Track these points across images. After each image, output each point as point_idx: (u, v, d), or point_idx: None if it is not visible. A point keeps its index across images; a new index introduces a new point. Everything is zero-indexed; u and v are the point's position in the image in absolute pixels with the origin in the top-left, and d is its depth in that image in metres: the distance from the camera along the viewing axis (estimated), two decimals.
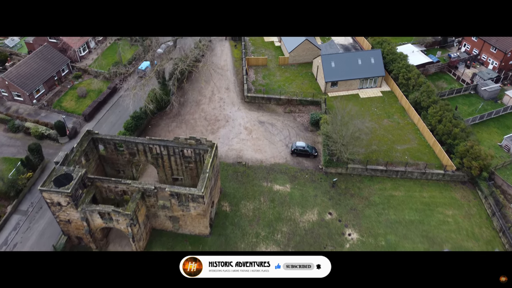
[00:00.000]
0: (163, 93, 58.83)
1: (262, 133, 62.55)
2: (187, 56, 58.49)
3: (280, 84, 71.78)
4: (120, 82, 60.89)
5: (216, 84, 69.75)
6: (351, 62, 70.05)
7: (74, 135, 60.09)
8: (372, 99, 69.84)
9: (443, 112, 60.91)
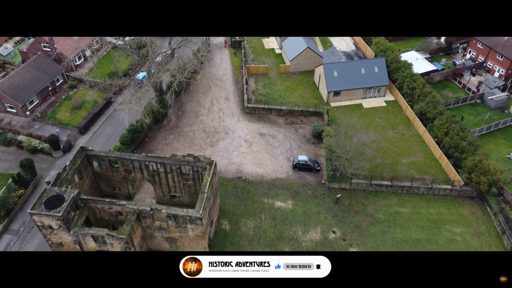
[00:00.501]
0: (160, 106, 56.81)
1: (263, 145, 60.56)
2: (185, 67, 56.46)
3: (281, 94, 69.80)
4: (115, 95, 58.84)
5: (215, 95, 67.76)
6: (354, 71, 68.06)
7: (68, 148, 58.09)
8: (376, 109, 67.84)
9: (449, 124, 58.92)
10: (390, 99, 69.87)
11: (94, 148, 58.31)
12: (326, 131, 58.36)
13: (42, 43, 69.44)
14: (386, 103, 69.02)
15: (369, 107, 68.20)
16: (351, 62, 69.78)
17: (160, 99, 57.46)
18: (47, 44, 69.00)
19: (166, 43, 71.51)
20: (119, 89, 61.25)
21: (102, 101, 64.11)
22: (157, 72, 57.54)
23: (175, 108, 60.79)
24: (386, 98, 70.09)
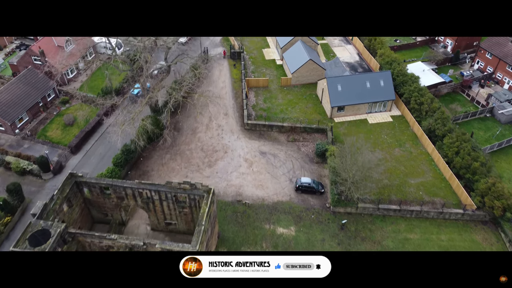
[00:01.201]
0: (154, 127, 53.85)
1: (264, 165, 57.62)
2: (182, 85, 53.50)
3: (283, 108, 66.85)
4: (107, 116, 55.92)
5: (214, 110, 64.77)
6: (359, 85, 65.11)
7: (59, 170, 55.18)
8: (382, 125, 64.88)
9: (460, 142, 55.99)
10: (396, 114, 66.92)
11: (86, 169, 55.94)
12: (330, 151, 55.43)
13: (32, 56, 66.49)
14: (392, 118, 66.07)
15: (374, 122, 65.23)
16: (355, 75, 66.81)
17: (154, 120, 54.47)
18: (38, 57, 66.03)
19: (161, 55, 68.56)
20: (111, 108, 58.32)
21: (95, 118, 61.16)
22: (153, 88, 54.58)
23: (171, 127, 57.81)
24: (392, 112, 67.15)
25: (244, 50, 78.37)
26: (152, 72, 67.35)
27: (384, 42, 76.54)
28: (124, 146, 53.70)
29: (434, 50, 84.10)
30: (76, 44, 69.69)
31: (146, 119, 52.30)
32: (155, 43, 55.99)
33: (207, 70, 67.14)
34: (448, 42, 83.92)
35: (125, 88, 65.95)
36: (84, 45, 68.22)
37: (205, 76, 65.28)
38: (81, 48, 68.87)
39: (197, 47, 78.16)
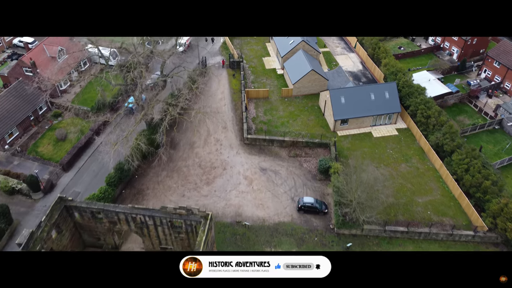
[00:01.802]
0: (149, 147, 51.24)
1: (264, 183, 55.10)
2: (178, 100, 50.93)
3: (284, 121, 64.32)
4: (98, 134, 53.38)
5: (212, 124, 62.19)
6: (363, 97, 62.59)
7: (50, 189, 52.67)
8: (387, 139, 62.36)
9: (470, 159, 53.49)
10: (402, 127, 64.39)
11: (79, 188, 53.49)
12: (334, 168, 52.94)
13: (24, 67, 63.95)
14: (397, 132, 63.55)
15: (379, 136, 62.71)
16: (359, 87, 64.24)
17: (149, 138, 51.87)
18: (29, 69, 63.50)
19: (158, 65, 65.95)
20: (103, 125, 55.78)
21: (88, 132, 58.60)
22: (148, 102, 52.00)
23: (167, 143, 55.24)
24: (398, 125, 64.63)
25: (244, 59, 75.86)
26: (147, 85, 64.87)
27: (389, 50, 74.03)
28: (118, 164, 51.18)
29: (440, 58, 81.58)
30: (69, 54, 67.14)
31: (140, 137, 49.66)
32: (151, 52, 53.33)
33: (205, 82, 64.37)
34: (453, 50, 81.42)
35: (119, 102, 63.26)
36: (76, 58, 65.60)
37: (203, 91, 62.59)
38: (74, 59, 66.27)
39: (195, 56, 75.62)
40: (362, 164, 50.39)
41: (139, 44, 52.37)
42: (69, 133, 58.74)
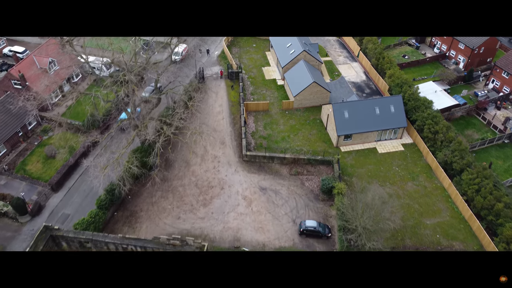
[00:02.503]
0: (142, 170, 48.47)
1: (264, 204, 52.35)
2: (173, 119, 48.13)
3: (284, 136, 61.58)
4: (86, 155, 50.51)
5: (210, 139, 59.44)
6: (368, 111, 59.84)
7: (37, 211, 49.93)
8: (392, 155, 59.63)
9: (481, 179, 50.77)
10: (408, 142, 61.64)
11: (68, 210, 50.81)
12: (337, 188, 50.22)
13: (12, 80, 61.14)
14: (403, 147, 60.79)
15: (384, 152, 59.97)
16: (363, 101, 61.43)
17: (142, 161, 49.03)
18: (18, 81, 60.70)
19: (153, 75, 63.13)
20: (92, 146, 53.00)
21: (80, 149, 55.80)
22: (141, 121, 49.22)
23: (162, 162, 52.46)
24: (404, 140, 61.88)
25: (243, 69, 73.06)
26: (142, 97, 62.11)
27: (393, 61, 71.25)
28: (110, 185, 48.39)
29: (445, 67, 78.86)
30: (61, 66, 64.36)
31: (132, 159, 46.80)
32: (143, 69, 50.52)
33: (201, 99, 61.44)
34: (460, 59, 78.70)
35: (110, 119, 60.21)
36: (68, 69, 62.79)
37: (200, 103, 59.69)
38: (66, 69, 63.52)
39: (192, 66, 72.83)
40: (367, 183, 47.58)
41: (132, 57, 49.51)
42: (59, 151, 55.82)
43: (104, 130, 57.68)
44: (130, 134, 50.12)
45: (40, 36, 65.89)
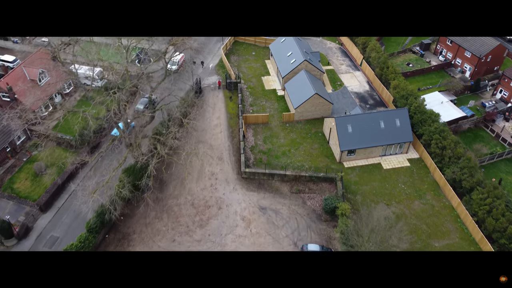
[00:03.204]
0: (134, 191, 45.84)
1: (264, 225, 49.74)
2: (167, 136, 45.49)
3: (285, 150, 58.97)
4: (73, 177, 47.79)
5: (207, 154, 56.82)
6: (372, 125, 57.25)
7: (25, 233, 47.33)
8: (398, 171, 57.03)
9: (492, 199, 48.21)
10: (414, 157, 59.05)
11: (57, 232, 48.47)
12: (341, 209, 47.66)
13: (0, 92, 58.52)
14: (409, 162, 58.21)
15: (389, 168, 57.37)
16: (368, 114, 58.80)
17: (134, 184, 46.30)
18: (6, 94, 58.04)
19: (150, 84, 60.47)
20: (81, 167, 50.36)
21: (68, 169, 53.05)
22: (134, 139, 46.58)
23: (155, 185, 49.75)
24: (409, 155, 59.28)
25: (242, 79, 70.42)
26: (136, 110, 59.50)
27: (397, 70, 68.65)
28: (100, 207, 45.73)
29: (451, 75, 76.27)
30: (52, 76, 61.70)
31: (123, 182, 44.10)
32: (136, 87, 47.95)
33: (197, 116, 58.77)
34: (466, 67, 76.12)
35: (99, 137, 57.36)
36: (61, 76, 60.02)
37: (196, 127, 57.08)
38: (57, 80, 60.82)
39: (188, 76, 70.18)
40: (372, 202, 45.10)
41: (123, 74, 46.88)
42: (46, 171, 53.05)
43: (94, 148, 54.94)
44: (122, 153, 47.41)
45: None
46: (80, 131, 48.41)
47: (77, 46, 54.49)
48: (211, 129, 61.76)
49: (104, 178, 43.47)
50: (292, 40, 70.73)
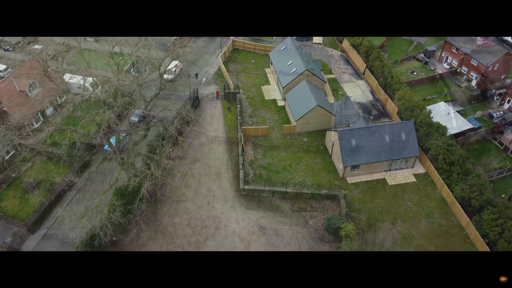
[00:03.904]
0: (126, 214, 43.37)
1: (264, 246, 47.33)
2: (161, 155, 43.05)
3: (286, 164, 56.55)
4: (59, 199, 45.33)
5: (204, 170, 54.38)
6: (376, 139, 54.84)
7: None
8: (404, 187, 54.63)
9: (504, 220, 45.78)
10: (420, 172, 56.63)
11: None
12: (345, 230, 45.29)
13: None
14: (415, 177, 55.79)
15: (395, 183, 54.96)
16: (372, 128, 56.31)
17: (125, 208, 43.79)
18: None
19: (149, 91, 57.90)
20: (69, 188, 47.94)
21: (58, 186, 50.58)
22: (127, 157, 44.13)
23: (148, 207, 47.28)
24: (415, 170, 56.87)
25: (241, 89, 68.00)
26: (131, 122, 57.08)
27: (402, 80, 66.24)
28: (89, 233, 43.20)
29: (457, 84, 73.90)
30: (43, 88, 59.27)
31: (114, 207, 41.58)
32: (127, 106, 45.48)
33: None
34: (472, 76, 73.75)
35: (91, 155, 54.76)
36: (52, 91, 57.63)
37: (191, 145, 54.63)
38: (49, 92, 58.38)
39: (186, 85, 67.71)
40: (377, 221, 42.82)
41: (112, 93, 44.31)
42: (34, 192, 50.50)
43: (85, 167, 52.50)
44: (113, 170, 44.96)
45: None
46: (68, 151, 45.87)
47: (70, 54, 52.24)
48: (209, 142, 59.31)
49: (94, 201, 40.96)
50: (292, 47, 68.35)
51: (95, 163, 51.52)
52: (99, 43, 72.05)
